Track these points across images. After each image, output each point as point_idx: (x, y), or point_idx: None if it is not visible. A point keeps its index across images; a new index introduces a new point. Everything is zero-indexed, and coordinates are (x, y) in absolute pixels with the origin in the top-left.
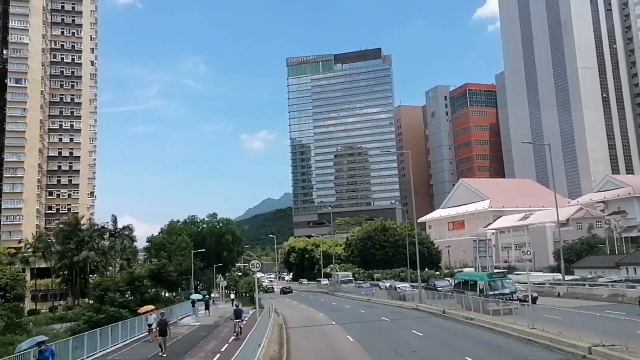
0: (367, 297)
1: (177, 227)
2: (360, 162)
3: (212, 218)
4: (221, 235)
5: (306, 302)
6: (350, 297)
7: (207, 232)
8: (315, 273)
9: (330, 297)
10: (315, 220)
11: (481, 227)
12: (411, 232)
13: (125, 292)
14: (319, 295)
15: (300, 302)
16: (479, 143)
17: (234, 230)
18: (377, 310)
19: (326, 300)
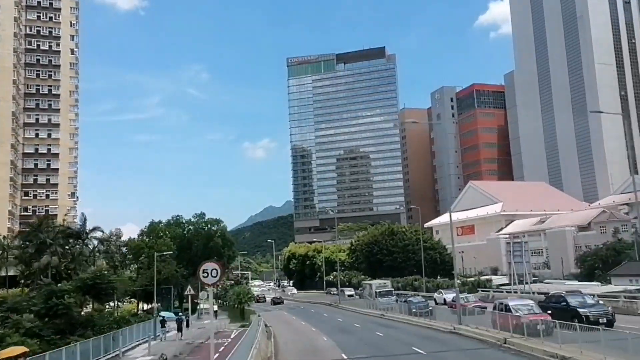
0: (380, 312)
1: (158, 229)
2: (362, 166)
3: (200, 218)
4: (209, 238)
5: (305, 318)
6: (357, 310)
7: (194, 234)
8: (317, 281)
9: (334, 310)
10: (317, 226)
11: (493, 232)
12: (421, 236)
13: (43, 313)
14: (321, 308)
15: (298, 317)
16: (486, 146)
17: (224, 233)
18: (398, 332)
19: (330, 314)
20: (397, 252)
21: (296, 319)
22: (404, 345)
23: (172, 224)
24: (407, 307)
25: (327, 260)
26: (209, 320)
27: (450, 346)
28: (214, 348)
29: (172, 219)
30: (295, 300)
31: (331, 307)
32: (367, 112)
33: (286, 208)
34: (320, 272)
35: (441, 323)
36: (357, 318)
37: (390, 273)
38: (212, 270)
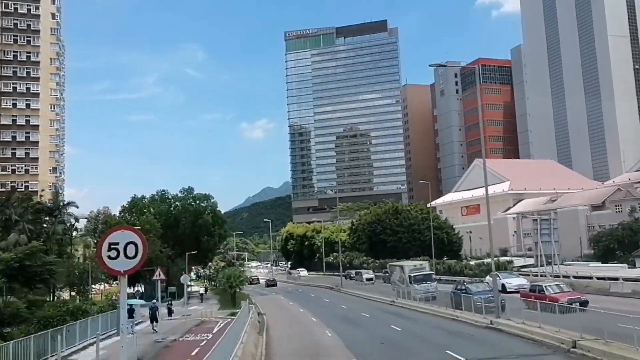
0: (390, 298)
1: (141, 205)
2: (362, 144)
3: (187, 194)
4: (198, 215)
5: (304, 304)
6: (361, 296)
7: (181, 211)
8: (315, 262)
9: (336, 295)
10: (316, 206)
11: (500, 212)
12: (430, 215)
13: None
14: (321, 292)
15: (296, 302)
16: (492, 123)
17: (214, 209)
18: (418, 326)
19: (332, 300)
20: (402, 232)
21: (294, 305)
22: (432, 346)
23: (157, 199)
24: (463, 299)
25: (327, 241)
26: (196, 307)
27: (499, 351)
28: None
29: (157, 194)
30: (294, 283)
31: (332, 291)
32: (367, 88)
33: (284, 189)
34: (320, 253)
35: (469, 315)
36: (362, 305)
37: (394, 254)
38: (126, 246)
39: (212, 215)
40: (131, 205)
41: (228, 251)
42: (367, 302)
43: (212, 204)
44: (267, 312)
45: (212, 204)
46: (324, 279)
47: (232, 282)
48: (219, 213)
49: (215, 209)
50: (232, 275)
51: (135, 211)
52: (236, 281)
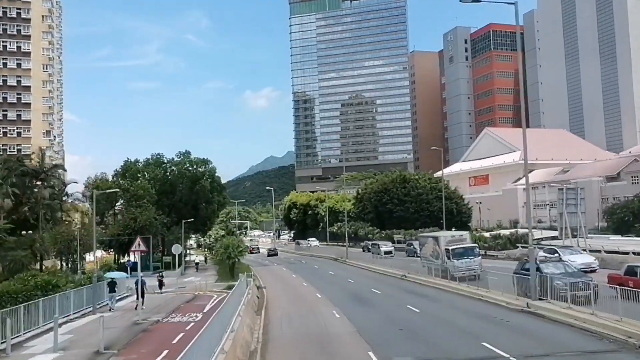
0: (402, 272)
1: (133, 169)
2: (368, 112)
3: (184, 158)
4: (195, 181)
5: (308, 276)
6: (369, 268)
7: (177, 176)
8: (319, 232)
9: (340, 266)
10: (320, 175)
11: (509, 182)
12: (442, 185)
13: None
14: (326, 263)
15: (299, 275)
16: (502, 92)
17: (212, 175)
18: (439, 307)
19: (338, 272)
20: (409, 202)
21: (296, 278)
22: (462, 334)
23: (152, 164)
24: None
25: (331, 210)
26: (192, 278)
27: (549, 345)
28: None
29: (152, 157)
30: (297, 253)
31: (337, 263)
32: (374, 54)
33: (288, 158)
34: (323, 222)
35: (497, 294)
36: (371, 279)
37: (400, 224)
38: None
39: (210, 181)
40: (124, 169)
41: (230, 219)
42: (375, 275)
43: (211, 169)
44: (268, 285)
45: (211, 169)
46: (327, 249)
47: (230, 252)
48: (218, 179)
49: (214, 174)
50: (230, 245)
51: (128, 176)
52: (235, 251)
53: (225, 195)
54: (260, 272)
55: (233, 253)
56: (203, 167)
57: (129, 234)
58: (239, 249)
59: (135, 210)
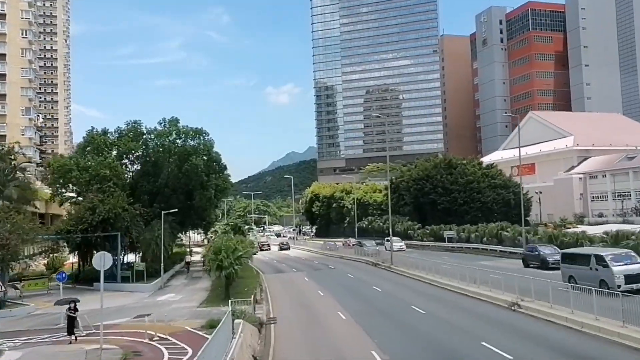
0: (510, 297)
1: (98, 141)
2: (395, 99)
3: (171, 127)
4: (185, 157)
5: (345, 296)
6: (435, 282)
7: (160, 151)
8: (345, 227)
9: (389, 277)
10: (343, 167)
11: (561, 171)
12: (489, 171)
13: None
14: (363, 270)
15: (328, 291)
16: (541, 75)
17: (209, 150)
18: None
19: (389, 289)
20: (457, 191)
21: (327, 300)
22: None
23: (126, 134)
24: None
25: (359, 203)
26: (171, 296)
27: None
28: None
29: (128, 125)
30: (320, 254)
31: (378, 270)
32: (401, 36)
33: (309, 154)
34: (350, 216)
35: None
36: (452, 306)
37: (445, 218)
38: None
39: (206, 158)
40: (87, 142)
41: (247, 213)
42: (458, 299)
43: (207, 142)
44: (281, 315)
45: (207, 143)
46: (358, 248)
47: (222, 259)
48: (217, 156)
49: (211, 149)
50: (224, 248)
51: (91, 150)
52: (231, 258)
53: (226, 178)
54: (272, 285)
55: (227, 261)
56: (196, 139)
57: (85, 230)
58: (236, 253)
59: (94, 197)
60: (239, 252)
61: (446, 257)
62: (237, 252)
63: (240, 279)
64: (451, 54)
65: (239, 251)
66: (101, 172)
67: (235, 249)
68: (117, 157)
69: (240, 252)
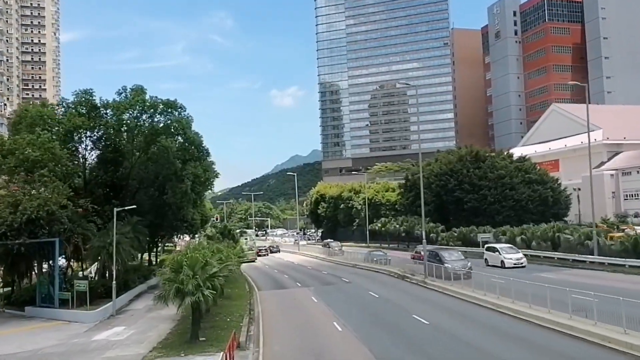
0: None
1: (33, 113)
2: (402, 95)
3: (135, 98)
4: (152, 139)
5: (376, 336)
6: (503, 309)
7: (121, 130)
8: (354, 230)
9: (427, 295)
10: (349, 167)
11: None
12: (522, 164)
13: None
14: (390, 285)
15: (351, 326)
16: (558, 69)
17: (184, 129)
18: None
19: (444, 325)
20: (487, 188)
21: (345, 335)
22: None
23: (74, 108)
24: None
25: (370, 203)
26: (121, 328)
27: None
28: None
29: (78, 96)
30: (328, 261)
31: (409, 285)
32: (410, 29)
33: (313, 157)
34: (360, 218)
35: None
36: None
37: (472, 219)
38: None
39: (181, 140)
40: (20, 117)
41: (249, 216)
42: (552, 335)
43: (183, 119)
44: None
45: (182, 120)
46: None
47: (184, 281)
48: (196, 137)
49: (188, 128)
50: (188, 265)
51: (25, 128)
52: (196, 279)
53: (209, 166)
54: (268, 309)
55: (192, 283)
56: (166, 113)
57: (3, 235)
58: (207, 270)
59: (18, 188)
60: (212, 268)
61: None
62: (209, 269)
63: (224, 301)
64: (462, 49)
65: (211, 267)
66: (31, 156)
67: (206, 264)
68: (62, 138)
69: (215, 269)
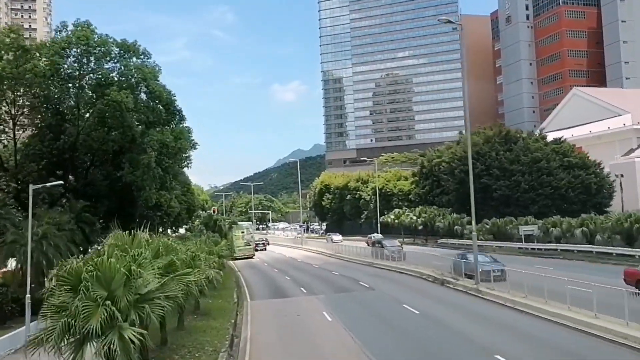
0: None
1: None
2: (408, 84)
3: (76, 36)
4: (102, 94)
5: None
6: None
7: (58, 80)
8: (361, 223)
9: (471, 306)
10: (353, 158)
11: (618, 155)
12: (559, 147)
13: None
14: (430, 297)
15: None
16: (573, 54)
17: (147, 79)
18: None
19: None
20: (520, 173)
21: None
22: None
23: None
24: None
25: (381, 193)
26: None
27: None
28: None
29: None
30: (334, 257)
31: (451, 293)
32: (417, 14)
33: (315, 151)
34: (368, 209)
35: None
36: None
37: (501, 209)
38: None
39: (146, 96)
40: None
41: (249, 209)
42: None
43: (145, 67)
44: None
45: (145, 68)
46: (378, 251)
47: (83, 315)
48: (164, 91)
49: (152, 80)
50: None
51: None
52: (111, 310)
53: (181, 132)
54: (260, 339)
55: (102, 316)
56: (124, 58)
57: None
58: (142, 289)
59: None
60: (146, 284)
61: (541, 266)
62: (140, 286)
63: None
64: (470, 35)
65: (144, 282)
66: None
67: (132, 276)
68: None
69: (151, 285)
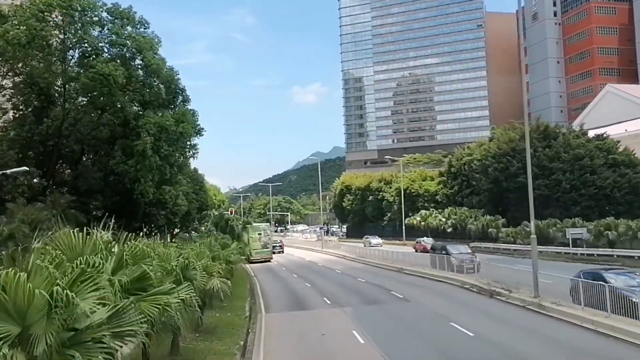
0: None
1: None
2: (429, 82)
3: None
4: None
5: None
6: None
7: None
8: (384, 224)
9: (541, 329)
10: (374, 159)
11: None
12: (603, 144)
13: None
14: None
15: None
16: (603, 52)
17: (142, 51)
18: None
19: None
20: (561, 171)
21: None
22: None
23: None
24: None
25: (406, 194)
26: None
27: None
28: None
29: None
30: (357, 261)
31: (508, 309)
32: (440, 11)
33: (334, 153)
34: (392, 211)
35: None
36: None
37: (540, 211)
38: None
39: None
40: None
41: (267, 210)
42: None
43: (140, 36)
44: None
45: (142, 37)
46: (423, 257)
47: None
48: (163, 66)
49: (149, 52)
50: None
51: None
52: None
53: (186, 113)
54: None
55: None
56: (114, 26)
57: None
58: (84, 322)
59: None
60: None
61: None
62: (80, 318)
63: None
64: (495, 33)
65: (81, 312)
66: None
67: (56, 305)
68: None
69: (102, 315)
